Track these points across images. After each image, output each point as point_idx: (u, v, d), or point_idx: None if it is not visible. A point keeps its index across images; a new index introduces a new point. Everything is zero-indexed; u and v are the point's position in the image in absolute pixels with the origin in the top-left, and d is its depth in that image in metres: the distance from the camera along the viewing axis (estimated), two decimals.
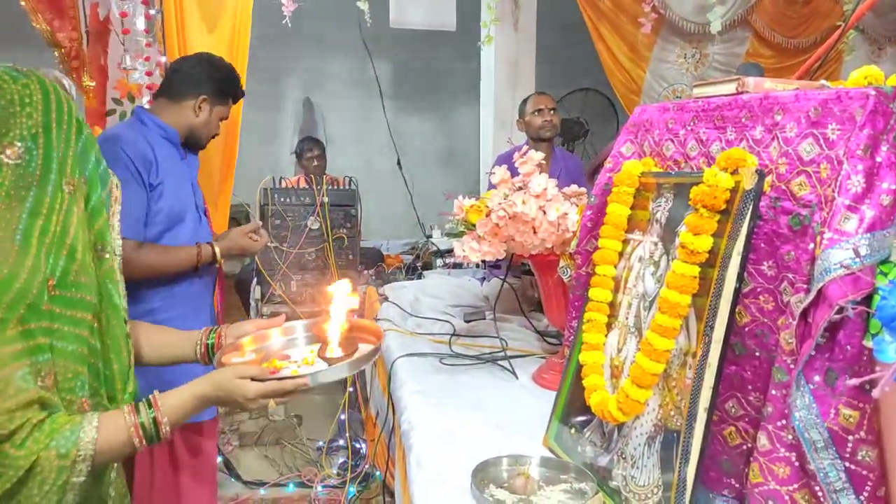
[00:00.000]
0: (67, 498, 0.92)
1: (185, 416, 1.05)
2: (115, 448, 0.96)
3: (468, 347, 1.90)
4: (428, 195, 4.06)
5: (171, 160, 1.91)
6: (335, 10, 4.09)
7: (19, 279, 0.88)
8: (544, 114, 3.11)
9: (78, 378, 0.97)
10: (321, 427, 3.13)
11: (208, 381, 1.07)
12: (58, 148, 0.95)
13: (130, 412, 0.99)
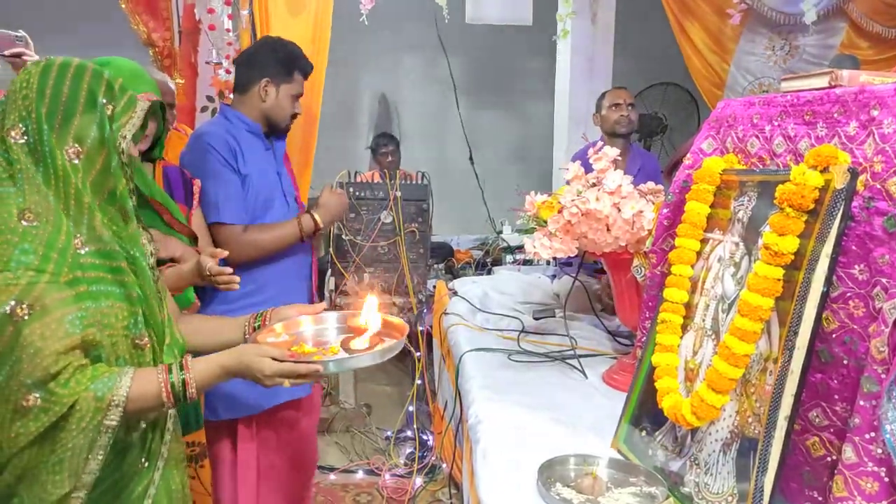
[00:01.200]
0: (101, 441, 1.00)
1: (211, 383, 1.15)
2: (146, 400, 1.05)
3: (537, 345, 1.89)
4: (499, 191, 4.04)
5: (256, 151, 1.99)
6: (411, 7, 4.12)
7: (60, 236, 1.01)
8: (621, 108, 3.04)
9: (133, 317, 1.10)
10: (390, 417, 3.19)
11: (233, 353, 1.16)
12: (50, 121, 1.06)
13: (163, 371, 1.09)
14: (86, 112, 1.08)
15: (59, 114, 1.07)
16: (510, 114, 5.82)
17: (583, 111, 3.93)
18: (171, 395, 1.08)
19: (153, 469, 1.18)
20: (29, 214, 1.01)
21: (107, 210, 1.10)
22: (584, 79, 4.03)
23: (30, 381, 0.96)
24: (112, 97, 1.12)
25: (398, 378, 3.72)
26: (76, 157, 1.07)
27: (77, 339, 1.00)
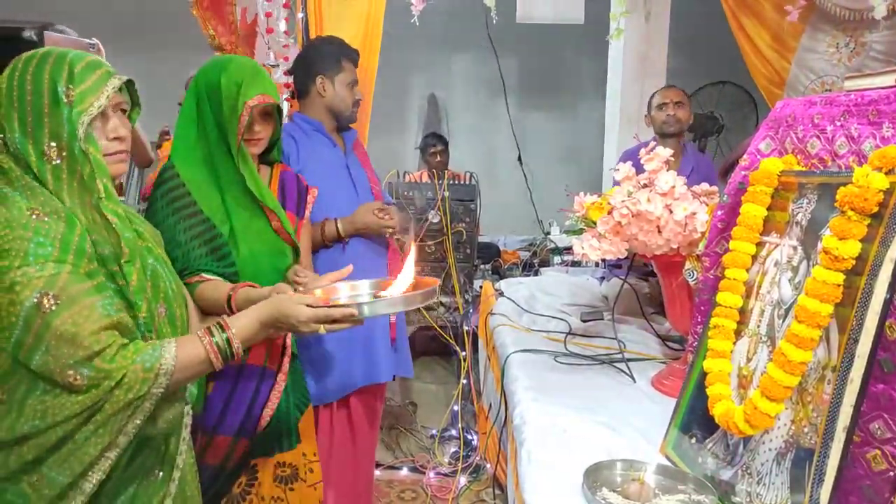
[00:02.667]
0: (145, 406, 1.02)
1: (254, 338, 1.18)
2: (194, 365, 1.09)
3: (584, 347, 1.87)
4: (548, 191, 4.01)
5: (317, 147, 2.04)
6: (462, 8, 4.13)
7: (74, 234, 1.02)
8: (668, 108, 2.98)
9: (161, 292, 1.16)
10: (435, 415, 3.21)
11: (269, 303, 1.19)
12: (23, 125, 1.03)
13: (205, 335, 1.11)
14: (52, 105, 1.03)
15: (28, 115, 1.03)
16: (560, 114, 5.77)
17: (635, 111, 3.86)
18: (218, 355, 1.10)
19: (168, 480, 1.17)
20: (38, 211, 1.01)
21: (91, 210, 1.07)
22: (636, 78, 3.96)
23: (72, 362, 0.97)
24: (72, 80, 1.05)
25: (444, 377, 3.73)
26: (58, 157, 1.04)
27: (113, 320, 1.02)
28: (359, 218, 2.03)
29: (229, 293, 1.42)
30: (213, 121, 1.53)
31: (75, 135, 1.04)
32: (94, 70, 1.08)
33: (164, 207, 1.49)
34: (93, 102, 1.06)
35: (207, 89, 1.53)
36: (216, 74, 1.53)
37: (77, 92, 1.05)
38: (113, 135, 1.13)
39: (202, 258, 1.49)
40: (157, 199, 1.51)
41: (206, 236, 1.50)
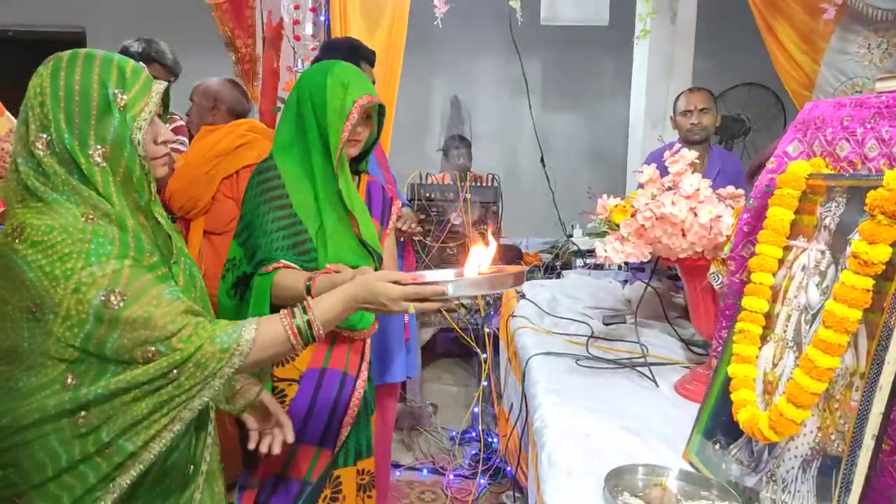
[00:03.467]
0: (214, 384, 1.03)
1: (336, 319, 1.18)
2: (274, 345, 1.10)
3: (606, 351, 1.85)
4: (570, 193, 3.99)
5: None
6: (485, 10, 4.13)
7: (128, 236, 1.04)
8: (692, 116, 2.91)
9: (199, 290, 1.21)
10: (455, 417, 3.21)
11: (355, 284, 1.19)
12: (70, 126, 1.02)
13: (286, 315, 1.12)
14: (102, 108, 1.03)
15: (76, 116, 1.02)
16: (583, 115, 5.74)
17: (660, 113, 3.82)
18: (298, 337, 1.12)
19: (198, 474, 1.20)
20: (90, 216, 1.02)
21: (137, 212, 1.09)
22: (662, 79, 3.92)
23: (150, 340, 0.99)
24: (124, 85, 1.05)
25: (464, 379, 3.73)
26: (102, 160, 1.04)
27: (186, 304, 1.04)
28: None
29: (307, 281, 1.44)
30: (315, 121, 1.55)
31: (130, 139, 1.05)
32: (139, 75, 1.09)
33: (258, 195, 1.55)
34: (143, 108, 1.07)
35: (312, 90, 1.55)
36: (321, 76, 1.56)
37: (129, 97, 1.06)
38: (161, 139, 1.15)
39: (284, 251, 1.51)
40: (253, 185, 1.58)
41: (291, 230, 1.53)
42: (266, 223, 1.52)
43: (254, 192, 1.57)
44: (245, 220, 1.58)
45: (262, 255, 1.50)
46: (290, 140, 1.59)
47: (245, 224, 1.57)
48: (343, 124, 1.52)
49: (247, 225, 1.56)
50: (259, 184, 1.57)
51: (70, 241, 0.98)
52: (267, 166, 1.59)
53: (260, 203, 1.54)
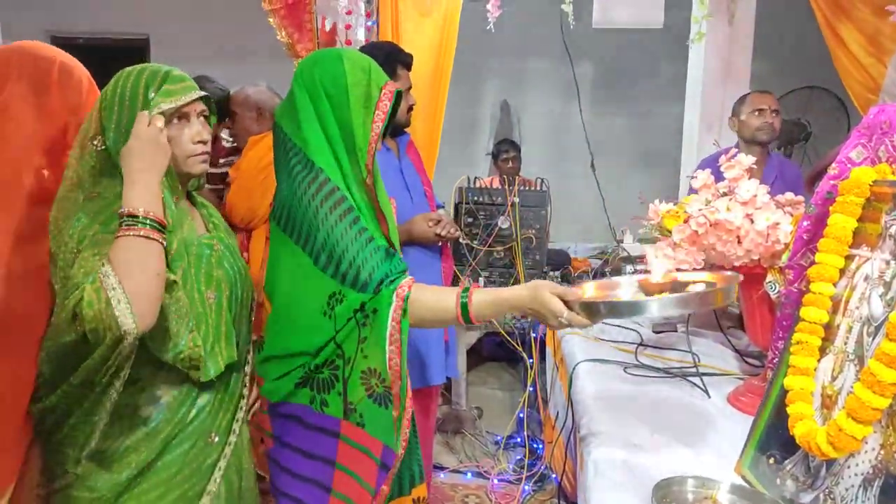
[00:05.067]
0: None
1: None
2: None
3: (655, 359, 1.82)
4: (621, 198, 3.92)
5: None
6: (537, 13, 4.11)
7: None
8: (765, 115, 2.83)
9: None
10: (500, 421, 3.19)
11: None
12: (118, 128, 1.16)
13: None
14: (140, 107, 1.17)
15: (123, 118, 1.16)
16: (635, 119, 5.64)
17: (715, 117, 3.73)
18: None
19: (224, 444, 1.28)
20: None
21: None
22: (718, 83, 3.82)
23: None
24: (158, 88, 1.18)
25: (510, 384, 3.71)
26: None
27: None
28: (415, 227, 2.05)
29: (462, 299, 1.24)
30: (334, 118, 1.32)
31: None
32: (179, 82, 1.21)
33: (330, 215, 1.28)
34: (171, 100, 1.18)
35: (325, 81, 1.33)
36: (334, 63, 1.34)
37: (160, 92, 1.18)
38: (197, 138, 1.24)
39: (381, 265, 1.27)
40: (314, 201, 1.29)
41: (371, 237, 1.31)
42: (349, 243, 1.27)
43: (323, 210, 1.28)
44: (316, 243, 1.28)
45: (366, 278, 1.25)
46: (321, 141, 1.33)
47: (322, 247, 1.28)
48: (372, 115, 1.32)
49: (326, 250, 1.27)
50: (324, 200, 1.29)
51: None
52: (322, 179, 1.31)
53: (334, 223, 1.27)
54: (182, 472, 1.21)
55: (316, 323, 1.27)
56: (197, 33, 5.06)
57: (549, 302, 1.16)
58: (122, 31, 5.27)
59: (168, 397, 1.20)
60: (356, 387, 1.27)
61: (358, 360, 1.26)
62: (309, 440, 1.31)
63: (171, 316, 1.14)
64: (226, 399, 1.29)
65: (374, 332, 1.25)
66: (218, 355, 1.23)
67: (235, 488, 1.32)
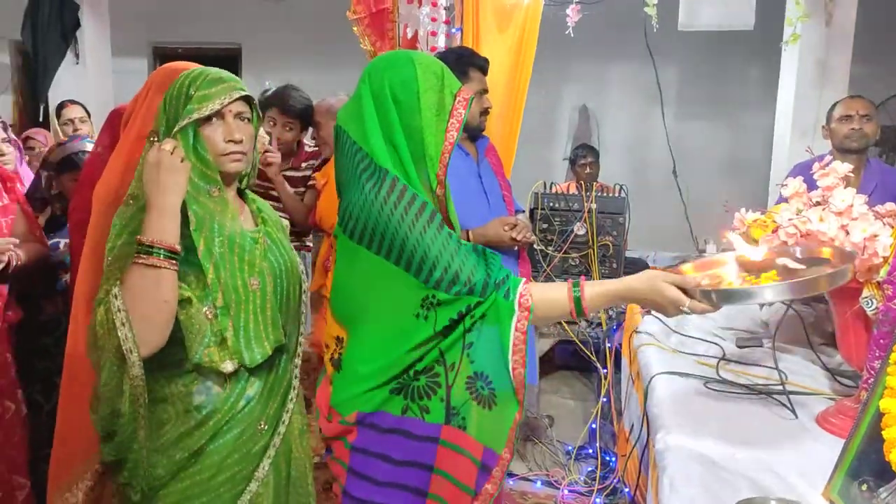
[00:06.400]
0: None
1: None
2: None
3: (738, 375, 1.74)
4: (704, 206, 3.80)
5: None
6: (619, 16, 4.04)
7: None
8: (852, 121, 2.68)
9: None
10: (571, 431, 3.15)
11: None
12: (168, 126, 1.26)
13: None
14: (182, 106, 1.25)
15: (170, 117, 1.26)
16: (722, 125, 5.44)
17: (809, 123, 3.55)
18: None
19: (273, 433, 1.34)
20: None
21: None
22: (813, 87, 3.64)
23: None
24: (199, 87, 1.25)
25: (582, 393, 3.65)
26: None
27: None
28: (491, 231, 2.04)
29: (575, 293, 1.22)
30: (401, 124, 1.26)
31: (182, 128, 1.24)
32: (218, 84, 1.27)
33: (417, 220, 1.21)
34: (206, 105, 1.24)
35: (394, 87, 1.26)
36: (406, 68, 1.27)
37: (197, 94, 1.25)
38: (229, 137, 1.28)
39: (478, 267, 1.24)
40: (397, 209, 1.22)
41: (458, 239, 1.26)
42: (441, 240, 1.22)
43: (408, 219, 1.21)
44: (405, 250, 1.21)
45: (479, 276, 1.21)
46: (386, 148, 1.27)
47: (412, 253, 1.21)
48: (445, 123, 1.26)
49: (418, 255, 1.20)
50: (407, 207, 1.22)
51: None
52: (401, 186, 1.24)
53: (421, 232, 1.21)
54: (231, 456, 1.29)
55: (408, 327, 1.22)
56: (286, 42, 5.28)
57: (668, 292, 1.16)
58: (216, 41, 5.57)
59: (219, 387, 1.27)
60: (461, 391, 1.23)
61: (464, 365, 1.22)
62: (404, 449, 1.26)
63: (185, 332, 1.20)
64: (275, 387, 1.35)
65: (483, 338, 1.21)
66: (264, 340, 1.28)
67: (283, 475, 1.38)
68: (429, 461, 1.25)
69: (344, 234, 1.28)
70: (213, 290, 1.23)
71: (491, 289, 1.21)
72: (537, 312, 1.22)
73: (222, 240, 1.26)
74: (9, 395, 1.79)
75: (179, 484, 1.26)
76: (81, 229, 1.73)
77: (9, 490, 1.78)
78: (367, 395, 1.25)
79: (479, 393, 1.23)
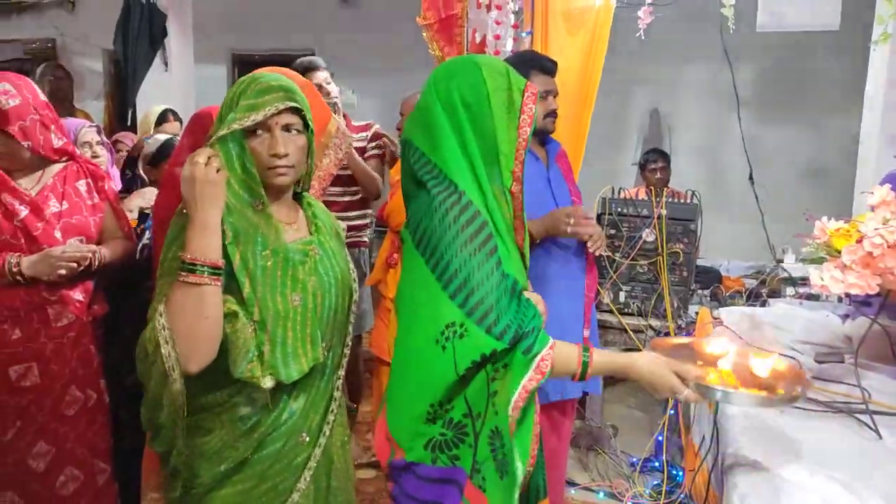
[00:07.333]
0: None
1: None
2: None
3: (817, 392, 1.66)
4: (783, 214, 3.63)
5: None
6: (693, 18, 3.93)
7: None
8: None
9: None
10: (637, 443, 3.07)
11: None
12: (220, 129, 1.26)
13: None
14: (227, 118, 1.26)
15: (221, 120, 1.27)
16: (802, 129, 5.19)
17: None
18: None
19: (314, 445, 1.35)
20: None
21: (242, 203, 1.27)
22: None
23: None
24: (246, 95, 1.25)
25: (648, 404, 3.56)
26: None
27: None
28: (548, 220, 1.97)
29: (584, 358, 1.23)
30: (472, 127, 1.25)
31: (222, 138, 1.23)
32: (267, 93, 1.24)
33: (469, 243, 1.19)
34: (249, 116, 1.22)
35: (463, 90, 1.26)
36: (472, 71, 1.27)
37: (243, 103, 1.24)
38: (272, 151, 1.26)
39: (508, 309, 1.20)
40: (455, 224, 1.20)
41: (504, 273, 1.22)
42: (486, 270, 1.19)
43: (462, 237, 1.20)
44: (449, 268, 1.19)
45: (506, 320, 1.18)
46: (459, 159, 1.25)
47: (454, 274, 1.19)
48: (517, 120, 1.26)
49: (459, 277, 1.18)
50: (465, 225, 1.20)
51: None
52: (465, 201, 1.22)
53: (471, 254, 1.19)
54: (274, 467, 1.30)
55: (427, 355, 1.20)
56: (358, 47, 5.41)
57: (670, 380, 1.21)
58: (291, 48, 5.75)
59: (264, 399, 1.28)
60: (485, 445, 1.21)
61: (489, 416, 1.20)
62: (430, 491, 1.25)
63: (230, 346, 1.20)
64: (317, 400, 1.36)
65: (504, 389, 1.18)
66: (302, 357, 1.28)
67: (323, 487, 1.39)
68: None
69: (410, 236, 1.30)
70: (250, 304, 1.22)
71: (518, 338, 1.18)
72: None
73: (266, 253, 1.25)
74: (91, 385, 1.89)
75: (223, 491, 1.29)
76: (162, 227, 1.83)
77: (90, 473, 1.88)
78: (409, 445, 1.26)
79: (497, 454, 1.21)
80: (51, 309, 1.80)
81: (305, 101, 1.32)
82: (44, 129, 1.81)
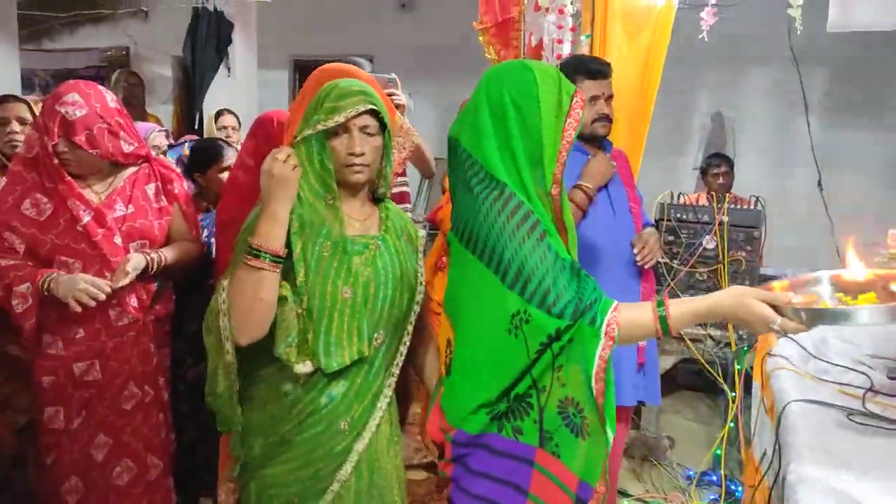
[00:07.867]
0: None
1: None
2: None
3: (888, 409, 1.58)
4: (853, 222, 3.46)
5: (569, 165, 2.04)
6: (758, 19, 3.80)
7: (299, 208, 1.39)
8: None
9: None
10: (693, 455, 2.99)
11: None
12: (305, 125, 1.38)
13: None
14: (314, 110, 1.36)
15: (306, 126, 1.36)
16: (877, 133, 4.96)
17: None
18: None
19: (355, 437, 1.38)
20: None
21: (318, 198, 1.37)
22: None
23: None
24: (329, 99, 1.34)
25: (707, 417, 3.46)
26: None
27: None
28: (594, 170, 1.97)
29: (660, 312, 1.21)
30: (520, 128, 1.29)
31: (307, 138, 1.35)
32: (348, 97, 1.34)
33: (518, 231, 1.24)
34: (332, 118, 1.32)
35: (513, 93, 1.29)
36: (523, 74, 1.31)
37: (326, 105, 1.34)
38: (350, 150, 1.35)
39: (568, 286, 1.23)
40: (500, 216, 1.25)
41: (557, 254, 1.26)
42: (539, 253, 1.23)
43: (518, 233, 1.24)
44: (503, 260, 1.24)
45: (568, 296, 1.21)
46: (497, 157, 1.29)
47: (509, 264, 1.23)
48: (563, 124, 1.29)
49: (514, 266, 1.23)
50: (509, 216, 1.25)
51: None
52: (507, 193, 1.27)
53: (521, 242, 1.23)
54: (316, 451, 1.36)
55: (501, 345, 1.24)
56: (416, 51, 5.48)
57: (758, 308, 1.13)
58: (349, 53, 5.87)
59: (303, 378, 1.34)
60: (553, 415, 1.24)
61: (554, 389, 1.24)
62: (499, 466, 1.28)
63: (277, 327, 1.30)
64: (362, 391, 1.39)
65: (572, 362, 1.22)
66: (345, 349, 1.33)
67: (365, 482, 1.41)
68: (524, 485, 1.26)
69: (456, 239, 1.34)
70: (301, 292, 1.31)
71: (580, 312, 1.20)
72: (623, 334, 1.20)
73: (326, 244, 1.33)
74: (148, 382, 1.95)
75: (273, 469, 1.37)
76: (225, 229, 1.88)
77: (143, 467, 1.94)
78: (469, 418, 1.28)
79: (572, 420, 1.23)
80: (112, 311, 1.88)
81: (383, 104, 1.40)
82: (112, 137, 1.86)
